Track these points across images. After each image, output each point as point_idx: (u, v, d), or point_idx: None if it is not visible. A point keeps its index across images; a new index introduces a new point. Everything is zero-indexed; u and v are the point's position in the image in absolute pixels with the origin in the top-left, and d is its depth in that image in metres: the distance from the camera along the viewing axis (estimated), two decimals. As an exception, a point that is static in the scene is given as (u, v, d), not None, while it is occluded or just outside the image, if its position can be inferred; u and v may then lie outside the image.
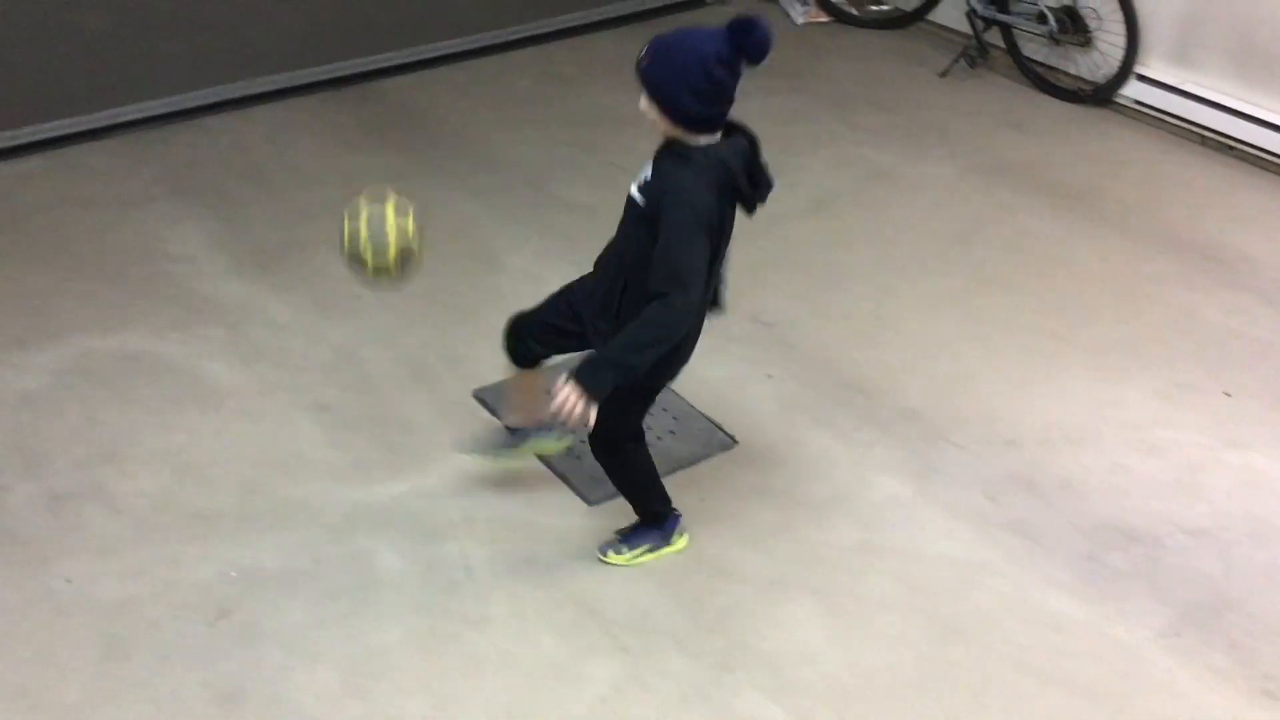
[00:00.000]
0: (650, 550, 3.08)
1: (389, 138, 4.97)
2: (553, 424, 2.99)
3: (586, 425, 2.60)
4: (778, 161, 4.78)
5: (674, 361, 2.83)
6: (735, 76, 2.57)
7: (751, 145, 2.71)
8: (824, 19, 6.19)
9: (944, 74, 5.60)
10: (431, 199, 4.54)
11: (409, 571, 3.01)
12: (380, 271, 2.78)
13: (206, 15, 4.88)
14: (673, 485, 3.25)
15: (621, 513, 3.12)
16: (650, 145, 2.77)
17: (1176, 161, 4.97)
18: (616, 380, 2.58)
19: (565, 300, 2.96)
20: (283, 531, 3.10)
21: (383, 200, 2.77)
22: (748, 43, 2.52)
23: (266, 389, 3.58)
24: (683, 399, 3.59)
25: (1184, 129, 5.11)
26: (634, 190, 2.73)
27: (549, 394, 2.66)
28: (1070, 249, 4.38)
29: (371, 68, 5.40)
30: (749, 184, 2.69)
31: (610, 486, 3.12)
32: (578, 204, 4.56)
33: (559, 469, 3.32)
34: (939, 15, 5.92)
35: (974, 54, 5.58)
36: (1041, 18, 5.31)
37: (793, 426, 3.53)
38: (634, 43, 5.90)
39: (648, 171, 2.72)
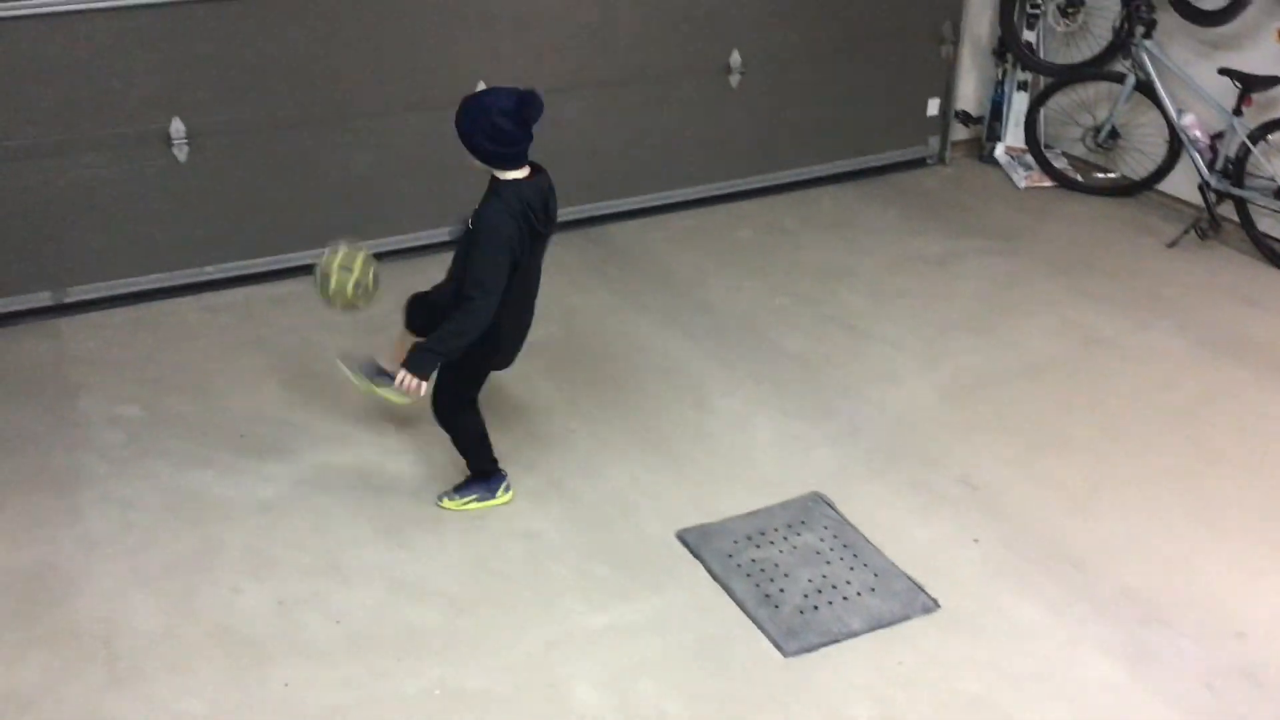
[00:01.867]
0: (477, 500, 3.74)
1: (610, 278, 5.18)
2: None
3: (419, 395, 3.37)
4: (993, 322, 4.86)
5: (496, 351, 3.55)
6: (519, 125, 3.28)
7: (549, 184, 3.45)
8: (1047, 183, 6.17)
9: (1173, 244, 5.47)
10: (647, 338, 4.71)
11: (604, 706, 3.04)
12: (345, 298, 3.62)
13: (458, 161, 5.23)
14: (869, 644, 3.20)
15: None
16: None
17: None
18: (436, 363, 3.36)
19: (436, 294, 3.66)
20: (486, 654, 3.19)
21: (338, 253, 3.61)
22: (527, 102, 3.26)
23: (478, 513, 3.73)
24: (884, 555, 3.55)
25: None
26: (468, 223, 3.41)
27: None
28: (1307, 432, 4.17)
29: (601, 213, 5.67)
30: (543, 217, 3.41)
31: (809, 639, 3.13)
32: (791, 353, 4.63)
33: (756, 616, 3.32)
34: (1168, 185, 5.82)
35: (1205, 226, 5.44)
36: (1279, 194, 5.16)
37: (999, 594, 3.43)
38: (856, 200, 6.11)
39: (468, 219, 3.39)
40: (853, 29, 5.93)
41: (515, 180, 3.37)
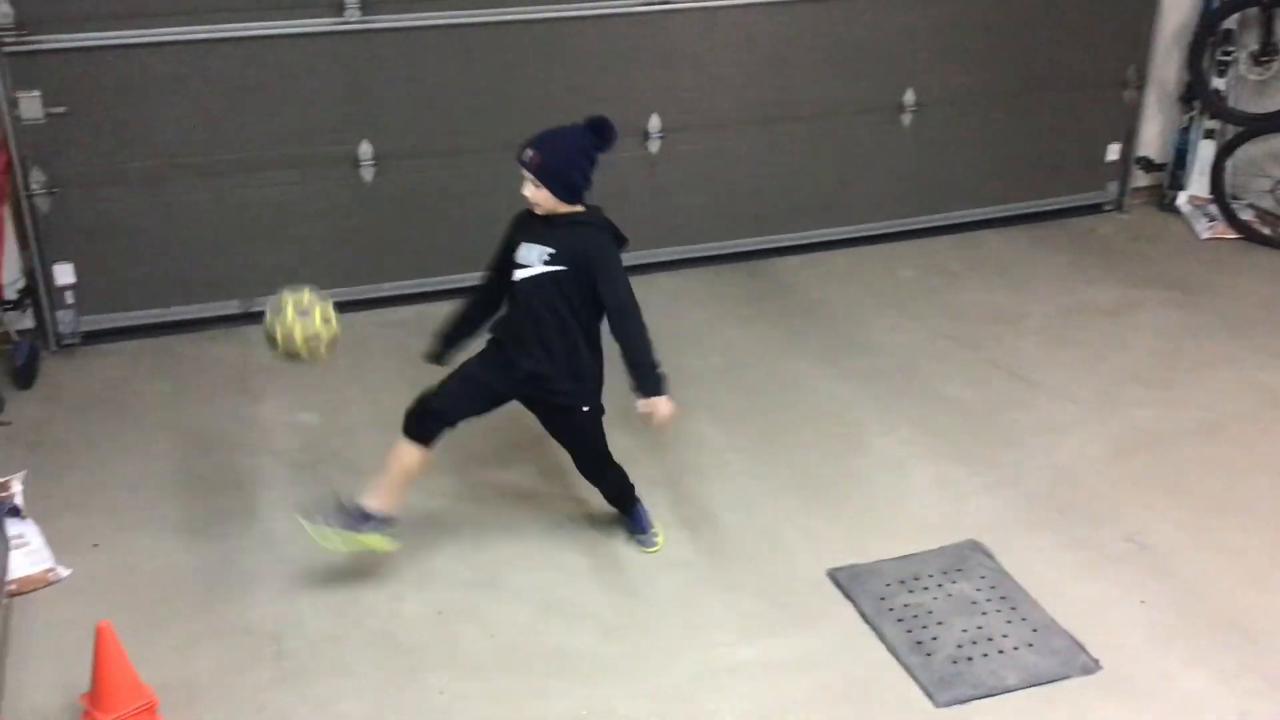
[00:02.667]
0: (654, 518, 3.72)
1: (769, 313, 5.19)
2: (393, 522, 3.42)
3: (674, 418, 3.30)
4: (1169, 377, 4.70)
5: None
6: (596, 161, 3.32)
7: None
8: (1231, 235, 5.94)
9: (1367, 304, 5.21)
10: (802, 375, 4.70)
11: (748, 741, 3.04)
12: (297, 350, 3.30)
13: (635, 192, 5.33)
14: (1025, 701, 3.13)
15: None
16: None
17: None
18: (664, 378, 3.30)
19: (484, 390, 3.45)
20: (633, 680, 3.23)
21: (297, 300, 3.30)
22: (605, 134, 3.30)
23: (631, 540, 3.77)
24: (1044, 610, 3.46)
25: None
26: (538, 267, 3.33)
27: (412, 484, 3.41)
28: None
29: (762, 246, 5.70)
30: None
31: (962, 691, 3.08)
32: (951, 398, 4.56)
33: (907, 662, 3.27)
34: (1366, 241, 5.54)
35: (1405, 286, 5.16)
36: None
37: (1165, 659, 3.30)
38: (1026, 244, 5.98)
39: (543, 248, 3.32)
40: (1033, 71, 5.84)
41: (594, 207, 3.41)
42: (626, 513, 3.76)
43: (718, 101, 5.40)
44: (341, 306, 5.13)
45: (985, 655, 3.30)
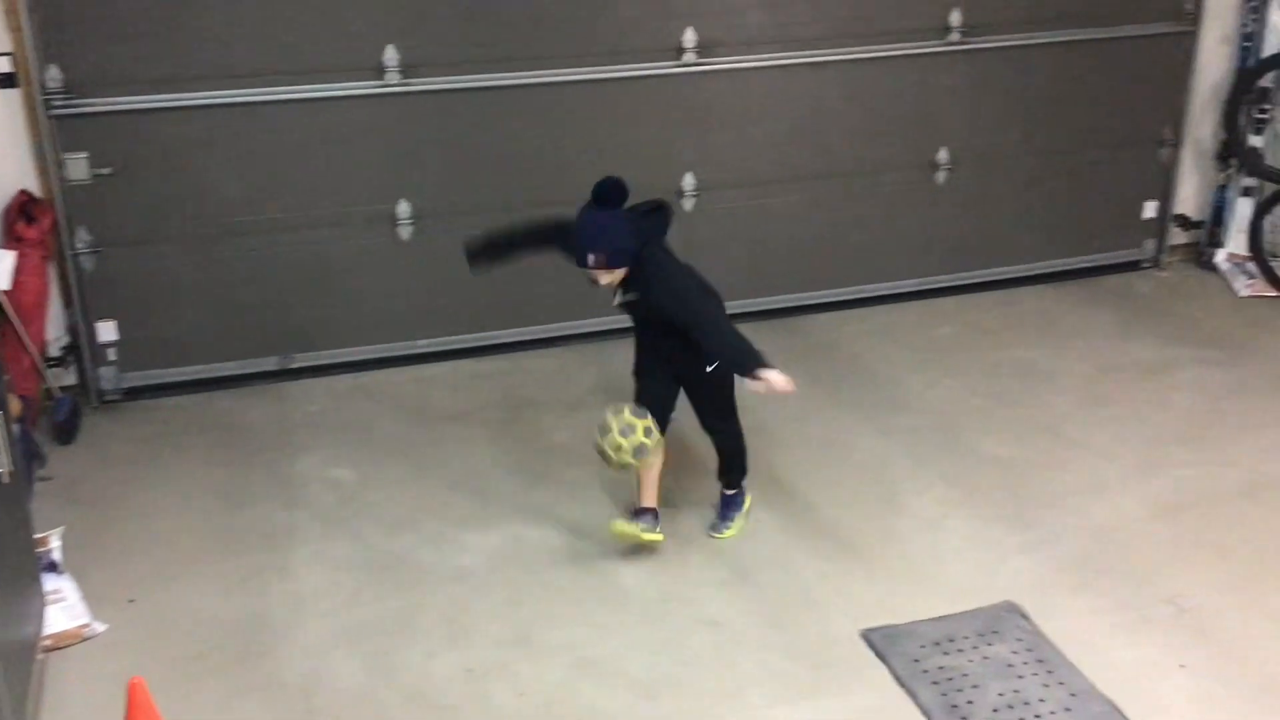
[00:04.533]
0: (742, 516, 4.07)
1: (806, 369, 5.15)
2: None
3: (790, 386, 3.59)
4: (1210, 436, 4.64)
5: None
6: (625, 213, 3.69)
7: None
8: (1271, 293, 5.88)
9: None
10: (839, 432, 4.68)
11: (781, 806, 3.00)
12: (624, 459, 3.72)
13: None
14: (1066, 768, 3.07)
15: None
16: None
17: None
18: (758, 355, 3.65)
19: (668, 396, 3.91)
20: (665, 740, 3.20)
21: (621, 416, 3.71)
22: (615, 195, 3.62)
23: (665, 597, 3.76)
24: (1082, 674, 3.40)
25: None
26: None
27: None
28: None
29: (799, 303, 5.71)
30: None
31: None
32: (989, 455, 4.52)
33: (944, 728, 3.22)
34: None
35: None
36: None
37: (1207, 728, 3.24)
38: (1063, 302, 5.94)
39: (629, 296, 3.74)
40: (1067, 129, 5.84)
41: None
42: (731, 485, 4.06)
43: (752, 160, 5.43)
44: (378, 363, 5.26)
45: (1022, 720, 3.25)
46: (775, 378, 3.55)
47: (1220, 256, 6.15)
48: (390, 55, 4.85)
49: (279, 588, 3.78)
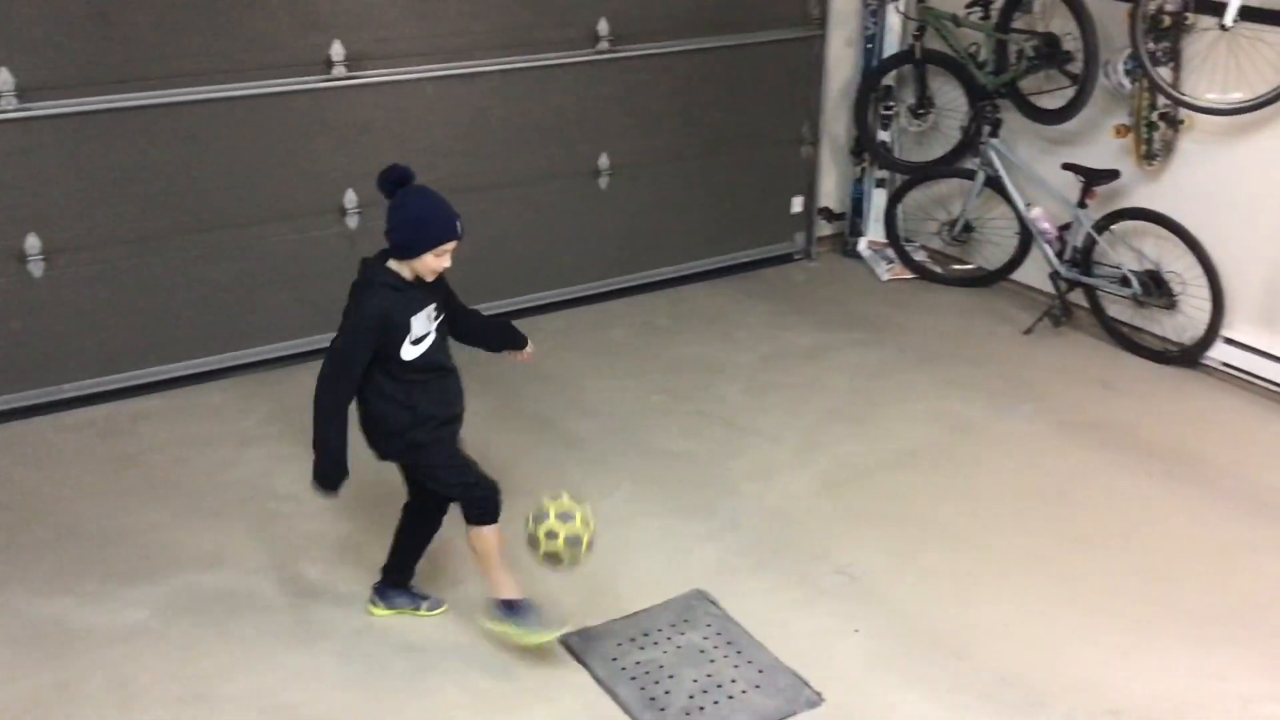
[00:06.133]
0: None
1: (481, 379, 5.12)
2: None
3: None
4: (864, 413, 4.97)
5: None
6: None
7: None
8: (908, 275, 6.38)
9: (1028, 331, 5.70)
10: (521, 444, 4.68)
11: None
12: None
13: (332, 271, 5.19)
14: (760, 745, 3.19)
15: None
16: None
17: (1267, 424, 4.94)
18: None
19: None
20: (366, 778, 3.09)
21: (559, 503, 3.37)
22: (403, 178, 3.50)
23: (360, 629, 3.63)
24: (768, 651, 3.56)
25: (1274, 392, 5.10)
26: (431, 329, 3.40)
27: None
28: (1162, 511, 4.33)
29: (473, 316, 5.66)
30: None
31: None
32: (669, 451, 4.65)
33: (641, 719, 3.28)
34: (1022, 275, 6.07)
35: (1058, 313, 5.69)
36: (1125, 281, 5.42)
37: (882, 685, 3.46)
38: (728, 296, 6.21)
39: (429, 308, 3.42)
40: (717, 132, 6.10)
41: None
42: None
43: (415, 173, 5.33)
44: (18, 413, 4.78)
45: (716, 702, 3.36)
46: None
47: (862, 245, 6.62)
48: (4, 78, 4.43)
49: None
